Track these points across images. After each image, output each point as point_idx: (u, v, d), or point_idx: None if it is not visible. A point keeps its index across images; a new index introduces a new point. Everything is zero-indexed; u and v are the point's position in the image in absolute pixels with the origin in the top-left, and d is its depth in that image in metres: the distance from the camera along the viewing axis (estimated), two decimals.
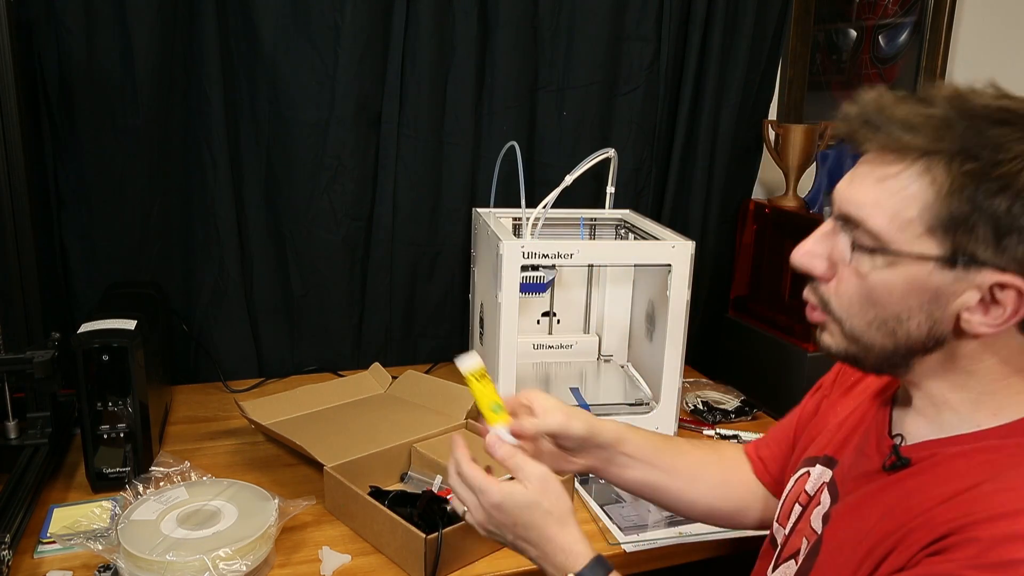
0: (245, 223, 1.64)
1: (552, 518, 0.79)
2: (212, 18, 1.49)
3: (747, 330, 1.81)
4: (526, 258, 1.32)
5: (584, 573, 0.78)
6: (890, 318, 0.69)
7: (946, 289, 0.66)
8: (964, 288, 0.66)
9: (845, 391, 0.94)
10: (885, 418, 0.81)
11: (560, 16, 1.72)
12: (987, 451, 0.69)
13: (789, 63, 1.98)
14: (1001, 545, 0.60)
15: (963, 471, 0.68)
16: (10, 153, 1.21)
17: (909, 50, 1.74)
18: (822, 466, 0.87)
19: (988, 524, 0.62)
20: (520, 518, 0.79)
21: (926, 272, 0.66)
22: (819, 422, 0.94)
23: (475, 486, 0.81)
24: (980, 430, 0.70)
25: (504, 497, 0.79)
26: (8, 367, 1.24)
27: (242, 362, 1.69)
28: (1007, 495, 0.63)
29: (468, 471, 0.81)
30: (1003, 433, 0.69)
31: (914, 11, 1.72)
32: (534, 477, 0.80)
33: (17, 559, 1.03)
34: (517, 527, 0.80)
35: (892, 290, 0.68)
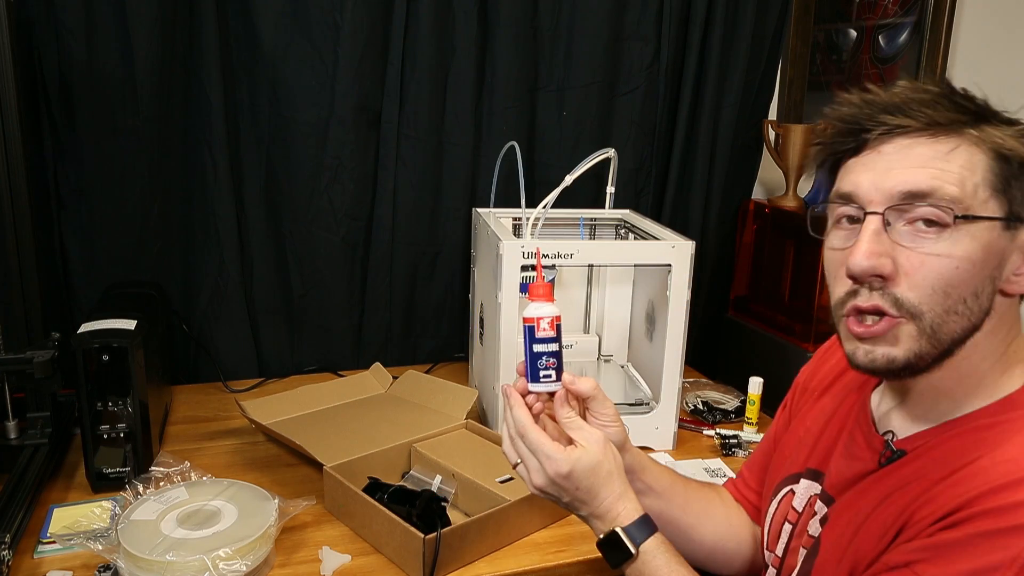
0: (245, 223, 1.64)
1: (612, 478, 0.81)
2: (212, 18, 1.49)
3: (747, 330, 1.81)
4: (526, 258, 1.32)
5: (631, 528, 0.80)
6: (968, 296, 0.67)
7: (1005, 251, 0.67)
8: (1014, 249, 0.68)
9: (813, 402, 0.93)
10: (867, 419, 0.81)
11: (560, 16, 1.72)
12: (979, 430, 0.70)
13: (789, 63, 1.98)
14: (1009, 512, 0.62)
15: (958, 451, 0.70)
16: (10, 153, 1.21)
17: (909, 50, 1.74)
18: (807, 480, 0.87)
19: (994, 495, 0.63)
20: (583, 482, 0.80)
21: (996, 235, 0.66)
22: (790, 439, 0.94)
23: (542, 452, 0.79)
24: (970, 412, 0.72)
25: (573, 464, 0.79)
26: (8, 367, 1.24)
27: (242, 362, 1.69)
28: (1006, 466, 0.65)
29: (535, 437, 0.80)
30: (992, 412, 0.71)
31: (914, 11, 1.72)
32: (595, 440, 0.81)
33: (17, 559, 1.03)
34: (579, 490, 0.80)
35: (975, 260, 0.66)
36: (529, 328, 0.83)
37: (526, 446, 0.81)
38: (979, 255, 0.66)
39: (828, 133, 0.74)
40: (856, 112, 0.70)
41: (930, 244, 0.66)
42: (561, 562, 1.09)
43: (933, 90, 0.69)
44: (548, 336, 0.83)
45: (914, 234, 0.67)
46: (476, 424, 1.38)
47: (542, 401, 0.85)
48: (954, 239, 0.65)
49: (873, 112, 0.69)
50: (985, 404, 0.72)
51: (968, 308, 0.67)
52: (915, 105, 0.67)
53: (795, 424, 0.95)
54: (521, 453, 0.82)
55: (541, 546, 1.12)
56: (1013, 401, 0.71)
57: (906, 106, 0.67)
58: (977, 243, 0.66)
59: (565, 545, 1.12)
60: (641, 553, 0.79)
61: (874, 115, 0.69)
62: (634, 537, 0.79)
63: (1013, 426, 0.69)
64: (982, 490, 0.64)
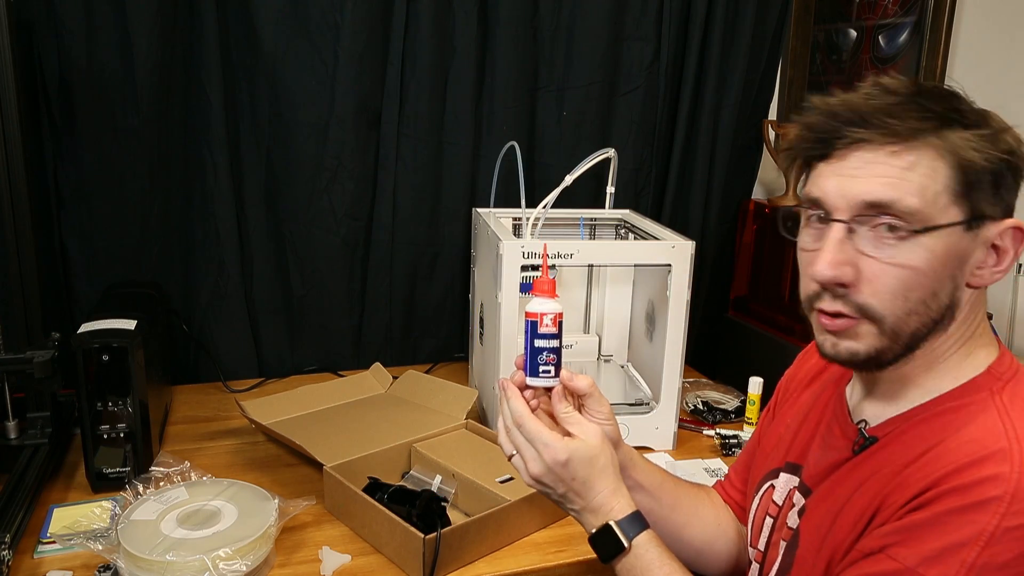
0: (245, 223, 1.64)
1: (607, 472, 0.82)
2: (212, 18, 1.49)
3: (747, 330, 1.81)
4: (526, 258, 1.32)
5: (623, 522, 0.81)
6: (929, 297, 0.70)
7: (968, 250, 0.70)
8: (976, 246, 0.71)
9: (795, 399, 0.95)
10: (843, 410, 0.83)
11: (560, 16, 1.72)
12: (945, 413, 0.72)
13: (789, 63, 1.98)
14: (974, 488, 0.64)
15: (926, 434, 0.72)
16: (10, 153, 1.21)
17: (909, 50, 1.74)
18: (787, 474, 0.88)
19: (959, 474, 0.66)
20: (580, 472, 0.80)
21: (956, 239, 0.69)
22: (771, 437, 0.95)
23: (540, 440, 0.80)
24: (937, 396, 0.74)
25: (571, 452, 0.80)
26: (8, 367, 1.24)
27: (242, 362, 1.69)
28: (970, 446, 0.67)
29: (532, 426, 0.81)
30: (957, 395, 0.73)
31: (914, 11, 1.72)
32: (592, 434, 0.82)
33: (17, 559, 1.03)
34: (575, 481, 0.81)
35: (935, 267, 0.69)
36: (532, 323, 0.84)
37: (523, 436, 0.82)
38: (939, 260, 0.69)
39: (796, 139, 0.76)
40: (822, 122, 0.72)
41: (891, 252, 0.69)
42: (561, 562, 1.09)
43: (901, 93, 0.70)
44: (550, 332, 0.84)
45: (877, 241, 0.69)
46: (476, 424, 1.38)
47: (538, 397, 0.86)
48: (915, 247, 0.68)
49: (838, 124, 0.71)
50: (951, 388, 0.74)
51: (928, 307, 0.71)
52: (879, 115, 0.69)
53: (776, 422, 0.96)
54: (517, 443, 0.83)
55: (541, 546, 1.12)
56: (977, 384, 0.73)
57: (870, 116, 0.69)
58: (937, 250, 0.69)
59: (565, 545, 1.12)
60: (633, 547, 0.80)
61: (839, 127, 0.71)
62: (627, 531, 0.80)
63: (977, 408, 0.71)
64: (947, 470, 0.66)
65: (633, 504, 0.82)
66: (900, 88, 0.71)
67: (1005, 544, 0.62)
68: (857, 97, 0.71)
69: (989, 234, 0.70)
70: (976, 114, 0.70)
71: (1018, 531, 0.62)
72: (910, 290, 0.69)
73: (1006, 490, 0.63)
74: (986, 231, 0.70)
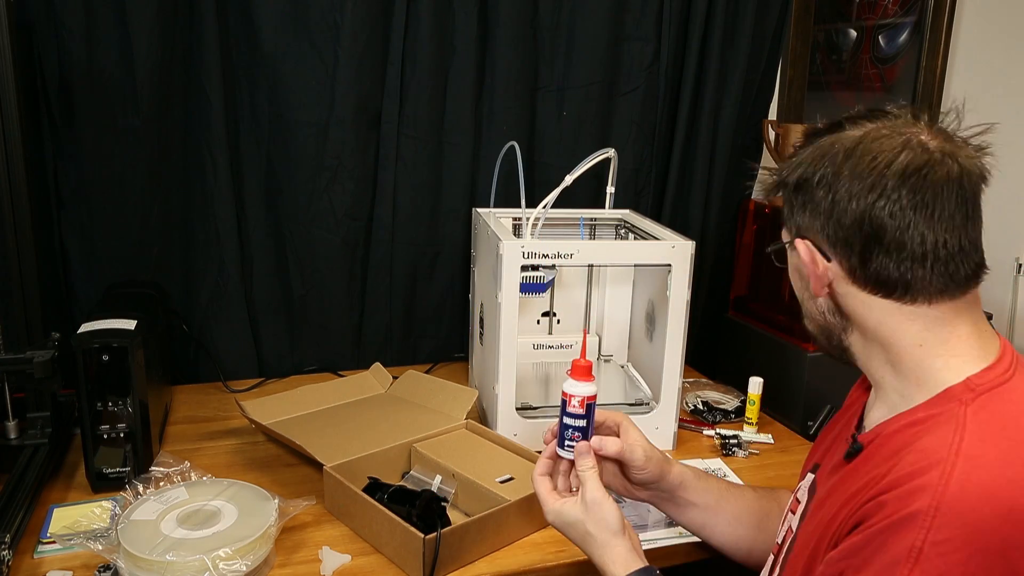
0: (245, 223, 1.64)
1: (592, 539, 0.89)
2: (212, 18, 1.49)
3: (747, 330, 1.81)
4: (526, 258, 1.32)
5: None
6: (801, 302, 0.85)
7: (798, 265, 0.81)
8: (798, 262, 0.80)
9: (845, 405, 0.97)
10: (858, 415, 0.85)
11: (560, 16, 1.72)
12: (916, 424, 0.72)
13: (789, 63, 1.98)
14: (902, 501, 0.64)
15: (898, 444, 0.71)
16: (10, 153, 1.21)
17: (909, 50, 1.74)
18: (811, 473, 0.89)
19: (896, 486, 0.65)
20: (568, 533, 0.92)
21: (791, 256, 0.83)
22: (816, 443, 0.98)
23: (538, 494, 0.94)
24: (913, 406, 0.74)
25: (555, 515, 0.92)
26: (8, 367, 1.24)
27: (242, 362, 1.69)
28: (916, 456, 0.67)
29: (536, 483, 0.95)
30: (931, 405, 0.72)
31: (914, 11, 1.72)
32: (589, 500, 0.90)
33: (17, 559, 1.03)
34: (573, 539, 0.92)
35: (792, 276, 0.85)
36: (563, 401, 0.94)
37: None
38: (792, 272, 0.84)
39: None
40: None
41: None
42: (561, 562, 1.09)
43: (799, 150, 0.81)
44: (577, 413, 0.93)
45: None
46: (476, 424, 1.38)
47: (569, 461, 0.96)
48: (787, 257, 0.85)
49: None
50: (927, 397, 0.73)
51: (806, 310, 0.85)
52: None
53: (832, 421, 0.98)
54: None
55: (541, 546, 1.12)
56: (950, 394, 0.72)
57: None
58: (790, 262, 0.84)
59: (565, 545, 1.12)
60: None
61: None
62: None
63: (942, 419, 0.70)
64: (890, 480, 0.66)
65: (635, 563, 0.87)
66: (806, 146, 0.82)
67: (933, 561, 0.61)
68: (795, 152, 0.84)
69: (795, 252, 0.81)
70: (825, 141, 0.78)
71: (944, 545, 0.60)
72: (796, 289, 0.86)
73: (930, 503, 0.62)
74: (794, 250, 0.81)
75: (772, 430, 1.53)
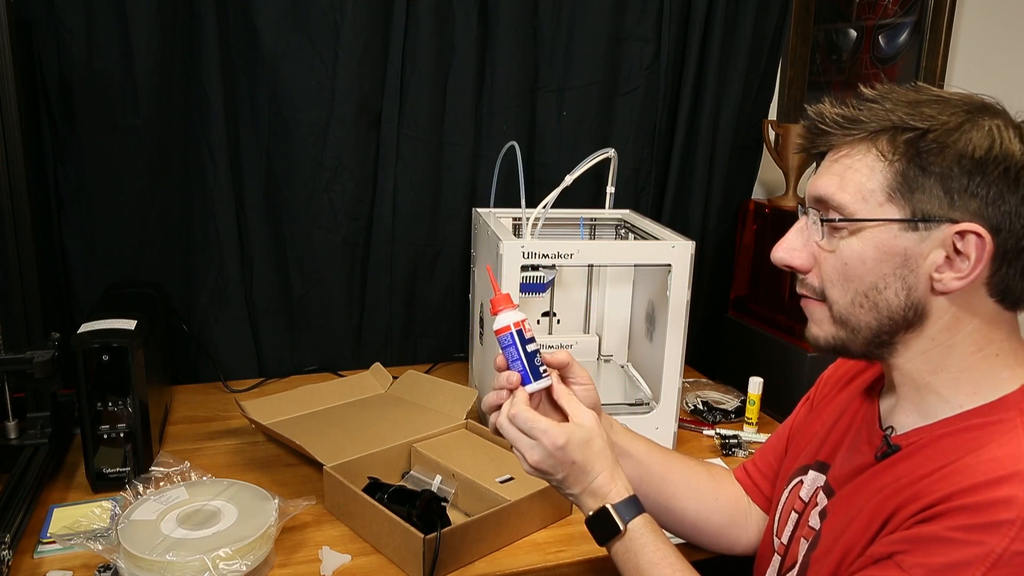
0: (245, 223, 1.64)
1: (604, 454, 0.84)
2: (212, 18, 1.49)
3: (747, 330, 1.81)
4: (526, 258, 1.32)
5: (620, 506, 0.83)
6: (869, 289, 0.74)
7: (913, 251, 0.72)
8: (930, 248, 0.71)
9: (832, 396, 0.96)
10: (874, 414, 0.84)
11: (560, 16, 1.72)
12: (971, 430, 0.72)
13: (789, 63, 1.98)
14: (987, 509, 0.64)
15: (948, 449, 0.72)
16: (10, 153, 1.21)
17: (909, 50, 1.74)
18: (815, 472, 0.89)
19: (973, 492, 0.66)
20: (578, 455, 0.83)
21: (892, 236, 0.72)
22: (807, 431, 0.96)
23: (538, 427, 0.82)
24: (963, 411, 0.74)
25: (568, 436, 0.82)
26: (8, 367, 1.24)
27: (242, 362, 1.69)
28: (988, 465, 0.67)
29: (528, 415, 0.83)
30: (984, 412, 0.73)
31: (914, 11, 1.72)
32: (588, 416, 0.85)
33: (17, 559, 1.03)
34: (574, 465, 0.83)
35: (865, 259, 0.73)
36: (518, 332, 0.87)
37: (519, 427, 0.84)
38: (870, 254, 0.73)
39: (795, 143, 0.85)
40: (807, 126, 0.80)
41: (831, 241, 0.76)
42: (561, 562, 1.09)
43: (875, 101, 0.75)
44: (531, 336, 0.88)
45: (824, 232, 0.77)
46: (476, 424, 1.38)
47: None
48: (850, 239, 0.74)
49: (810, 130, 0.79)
50: (979, 404, 0.74)
51: (872, 302, 0.74)
52: (842, 121, 0.75)
53: (813, 416, 0.97)
54: (512, 436, 0.85)
55: (541, 546, 1.12)
56: (1006, 402, 0.73)
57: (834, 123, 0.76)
58: (867, 243, 0.73)
59: (565, 545, 1.12)
60: (629, 530, 0.82)
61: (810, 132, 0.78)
62: (623, 514, 0.83)
63: (1003, 427, 0.71)
64: (962, 486, 0.67)
65: (630, 488, 0.85)
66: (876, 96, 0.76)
67: (1011, 568, 0.62)
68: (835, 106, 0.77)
69: (942, 236, 0.71)
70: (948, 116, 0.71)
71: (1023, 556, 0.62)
72: (847, 279, 0.75)
73: (1019, 514, 0.63)
74: (939, 233, 0.71)
75: (772, 430, 1.53)
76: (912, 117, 0.71)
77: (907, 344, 0.76)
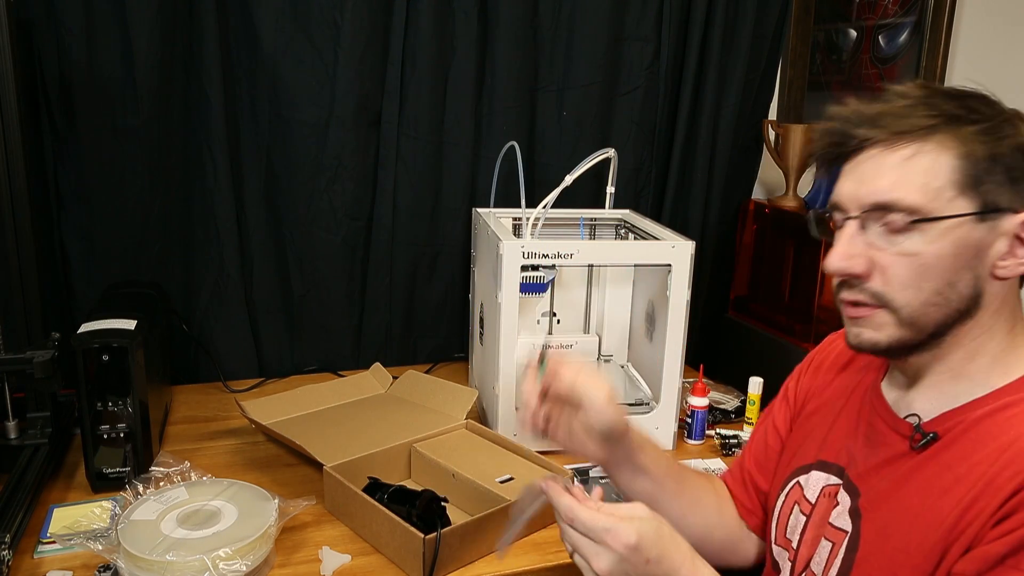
0: (245, 223, 1.64)
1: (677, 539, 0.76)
2: (212, 18, 1.49)
3: (747, 330, 1.81)
4: (526, 258, 1.32)
5: None
6: (944, 287, 0.72)
7: (984, 242, 0.71)
8: (995, 237, 0.71)
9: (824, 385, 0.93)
10: (883, 405, 0.82)
11: (560, 16, 1.72)
12: (1008, 407, 0.72)
13: (789, 63, 1.98)
14: None
15: (995, 431, 0.71)
16: (10, 153, 1.21)
17: (909, 50, 1.74)
18: (818, 471, 0.87)
19: None
20: (653, 551, 0.72)
21: (967, 230, 0.71)
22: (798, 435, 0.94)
23: (602, 527, 0.72)
24: (994, 390, 0.74)
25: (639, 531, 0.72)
26: (8, 367, 1.24)
27: (242, 362, 1.69)
28: None
29: (585, 515, 0.73)
30: (1015, 389, 0.73)
31: (914, 11, 1.72)
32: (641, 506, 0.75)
33: (17, 559, 1.03)
34: (650, 563, 0.72)
35: (943, 257, 0.71)
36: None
37: (578, 530, 0.73)
38: (948, 251, 0.71)
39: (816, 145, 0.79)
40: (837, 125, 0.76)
41: (900, 244, 0.72)
42: (561, 562, 1.09)
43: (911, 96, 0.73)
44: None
45: (886, 235, 0.72)
46: (476, 424, 1.38)
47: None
48: (921, 239, 0.71)
49: (849, 126, 0.75)
50: (1006, 383, 0.74)
51: (945, 298, 0.72)
52: (887, 117, 0.72)
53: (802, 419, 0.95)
54: (575, 541, 0.74)
55: (541, 546, 1.12)
56: None
57: (878, 119, 0.73)
58: (945, 241, 0.71)
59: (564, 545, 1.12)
60: None
61: (849, 129, 0.74)
62: None
63: None
64: None
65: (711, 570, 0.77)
66: (911, 91, 0.74)
67: None
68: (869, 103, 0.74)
69: (1009, 226, 0.71)
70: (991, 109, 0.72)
71: None
72: (923, 280, 0.72)
73: None
74: (1005, 223, 0.71)
75: None
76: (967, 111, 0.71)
77: (957, 335, 0.74)
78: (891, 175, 0.71)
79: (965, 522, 0.69)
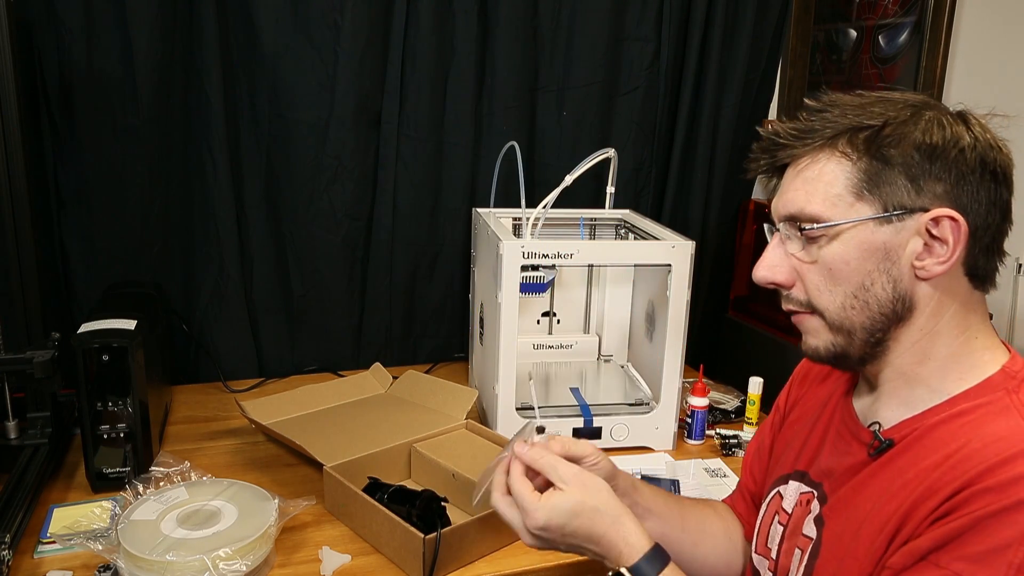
0: (245, 223, 1.64)
1: (601, 515, 0.77)
2: (212, 18, 1.49)
3: (747, 330, 1.81)
4: (526, 258, 1.32)
5: (641, 564, 0.76)
6: (858, 290, 0.74)
7: (891, 243, 0.73)
8: (907, 238, 0.73)
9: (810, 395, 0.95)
10: (851, 413, 0.83)
11: (560, 16, 1.72)
12: (964, 414, 0.73)
13: (789, 63, 1.98)
14: (1009, 488, 0.64)
15: (947, 437, 0.72)
16: (10, 153, 1.21)
17: (909, 50, 1.74)
18: (795, 481, 0.87)
19: (991, 474, 0.66)
20: (568, 527, 0.76)
21: (869, 233, 0.73)
22: (780, 442, 0.96)
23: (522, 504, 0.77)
24: (950, 397, 0.74)
25: (548, 515, 0.76)
26: (8, 367, 1.24)
27: (242, 362, 1.69)
28: (997, 445, 0.67)
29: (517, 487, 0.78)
30: (971, 396, 0.73)
31: (914, 11, 1.72)
32: (570, 477, 0.78)
33: (17, 559, 1.03)
34: (571, 536, 0.77)
35: (849, 261, 0.74)
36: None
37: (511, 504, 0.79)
38: (853, 255, 0.74)
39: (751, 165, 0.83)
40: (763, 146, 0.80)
41: (812, 252, 0.76)
42: (561, 562, 1.09)
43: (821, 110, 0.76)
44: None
45: (805, 245, 0.77)
46: (476, 424, 1.38)
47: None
48: (829, 245, 0.75)
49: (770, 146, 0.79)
50: (965, 388, 0.74)
51: (863, 301, 0.74)
52: (798, 134, 0.76)
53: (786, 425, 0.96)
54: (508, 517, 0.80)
55: None
56: (992, 383, 0.73)
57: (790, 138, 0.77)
58: (849, 245, 0.74)
59: None
60: None
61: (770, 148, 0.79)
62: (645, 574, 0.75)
63: (993, 407, 0.71)
64: (978, 470, 0.66)
65: (648, 540, 0.77)
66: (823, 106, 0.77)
67: None
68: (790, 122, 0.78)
69: (916, 225, 0.72)
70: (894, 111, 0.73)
71: None
72: (834, 284, 0.75)
73: None
74: (911, 222, 0.72)
75: None
76: (865, 116, 0.74)
77: (898, 339, 0.76)
78: (799, 187, 0.76)
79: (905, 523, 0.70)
